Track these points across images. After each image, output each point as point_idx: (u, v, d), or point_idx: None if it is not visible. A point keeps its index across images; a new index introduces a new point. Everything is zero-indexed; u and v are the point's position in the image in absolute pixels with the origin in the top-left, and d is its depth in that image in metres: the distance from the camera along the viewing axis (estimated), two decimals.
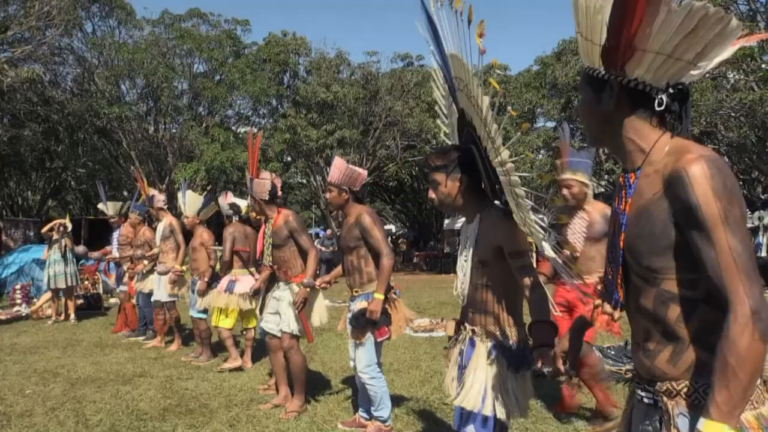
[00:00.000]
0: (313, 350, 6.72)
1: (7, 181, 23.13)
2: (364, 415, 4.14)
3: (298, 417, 4.41)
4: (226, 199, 6.28)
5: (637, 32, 1.25)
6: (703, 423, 1.17)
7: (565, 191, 4.04)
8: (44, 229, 10.13)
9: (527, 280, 2.25)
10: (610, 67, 1.35)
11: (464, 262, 2.45)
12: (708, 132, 15.96)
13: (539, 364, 2.01)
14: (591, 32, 1.35)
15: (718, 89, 14.87)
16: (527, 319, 2.31)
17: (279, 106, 24.43)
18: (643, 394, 1.41)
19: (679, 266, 1.28)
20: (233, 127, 24.33)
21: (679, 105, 1.34)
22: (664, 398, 1.33)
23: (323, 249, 19.41)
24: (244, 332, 6.41)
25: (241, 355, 6.27)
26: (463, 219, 2.55)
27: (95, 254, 10.20)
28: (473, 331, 2.43)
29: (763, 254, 15.21)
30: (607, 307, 1.47)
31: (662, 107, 1.33)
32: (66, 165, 23.23)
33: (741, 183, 19.59)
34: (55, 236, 9.63)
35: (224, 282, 6.01)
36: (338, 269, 4.37)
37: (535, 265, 2.37)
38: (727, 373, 1.15)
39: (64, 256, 9.50)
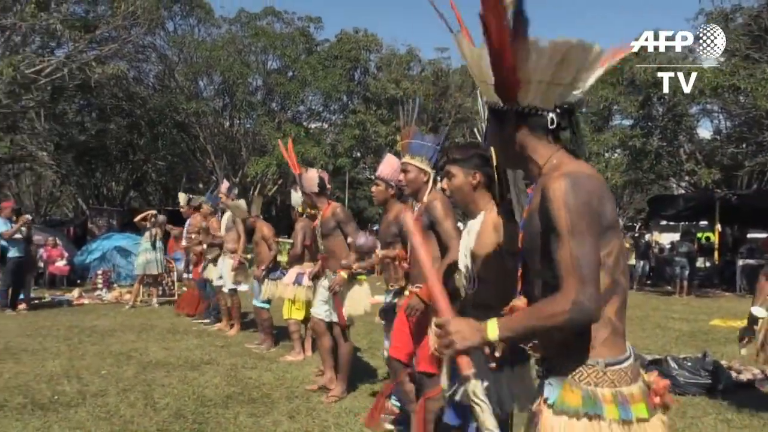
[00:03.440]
0: (376, 345, 6.71)
1: (94, 172, 24.41)
2: (396, 402, 4.13)
3: (356, 412, 4.41)
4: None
5: (515, 71, 1.48)
6: (492, 318, 1.51)
7: (401, 176, 3.66)
8: (137, 219, 10.72)
9: None
10: (505, 99, 1.57)
11: (464, 257, 2.52)
12: None
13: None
14: (482, 75, 1.59)
15: None
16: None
17: (349, 102, 24.68)
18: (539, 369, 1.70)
19: (553, 261, 1.52)
20: (305, 123, 24.78)
21: (568, 120, 1.58)
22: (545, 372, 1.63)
23: None
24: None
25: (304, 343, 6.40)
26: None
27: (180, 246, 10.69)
28: None
29: None
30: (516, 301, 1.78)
31: (553, 125, 1.56)
32: (147, 157, 24.32)
33: None
34: (148, 225, 10.20)
35: (293, 274, 6.10)
36: (374, 260, 4.24)
37: None
38: (529, 313, 1.49)
39: (153, 244, 10.04)
